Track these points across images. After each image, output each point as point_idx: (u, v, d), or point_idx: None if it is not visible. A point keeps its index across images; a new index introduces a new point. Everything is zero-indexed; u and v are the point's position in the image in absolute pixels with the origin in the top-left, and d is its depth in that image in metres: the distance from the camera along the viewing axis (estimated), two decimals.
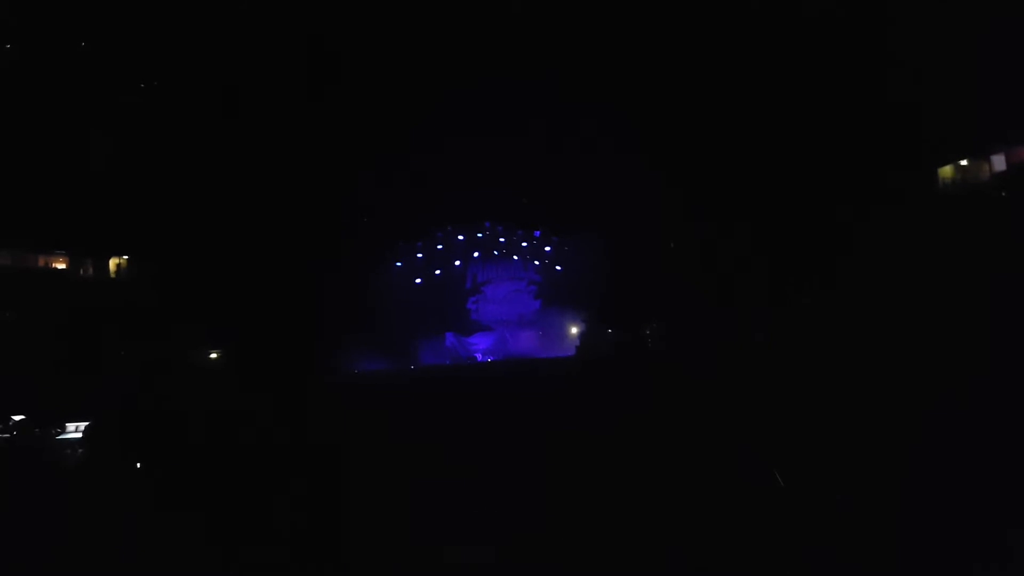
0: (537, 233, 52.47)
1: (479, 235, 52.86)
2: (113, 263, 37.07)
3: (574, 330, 46.03)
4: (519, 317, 51.02)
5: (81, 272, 35.80)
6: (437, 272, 51.62)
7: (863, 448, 10.38)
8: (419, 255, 51.80)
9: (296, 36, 31.30)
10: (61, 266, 35.11)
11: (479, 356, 49.95)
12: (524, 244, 52.84)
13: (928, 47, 25.89)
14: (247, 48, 31.36)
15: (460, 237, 52.39)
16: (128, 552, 8.92)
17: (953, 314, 19.58)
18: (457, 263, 52.06)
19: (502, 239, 52.99)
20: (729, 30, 29.39)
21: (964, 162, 30.16)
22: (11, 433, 23.04)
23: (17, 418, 23.78)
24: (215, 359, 36.60)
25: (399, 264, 51.18)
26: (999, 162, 28.78)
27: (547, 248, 52.41)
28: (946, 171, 30.80)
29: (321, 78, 33.50)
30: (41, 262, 34.46)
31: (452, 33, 31.41)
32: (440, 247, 52.22)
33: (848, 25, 27.60)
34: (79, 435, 23.45)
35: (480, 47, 32.38)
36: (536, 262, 52.41)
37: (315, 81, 33.58)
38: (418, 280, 51.16)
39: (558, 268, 51.51)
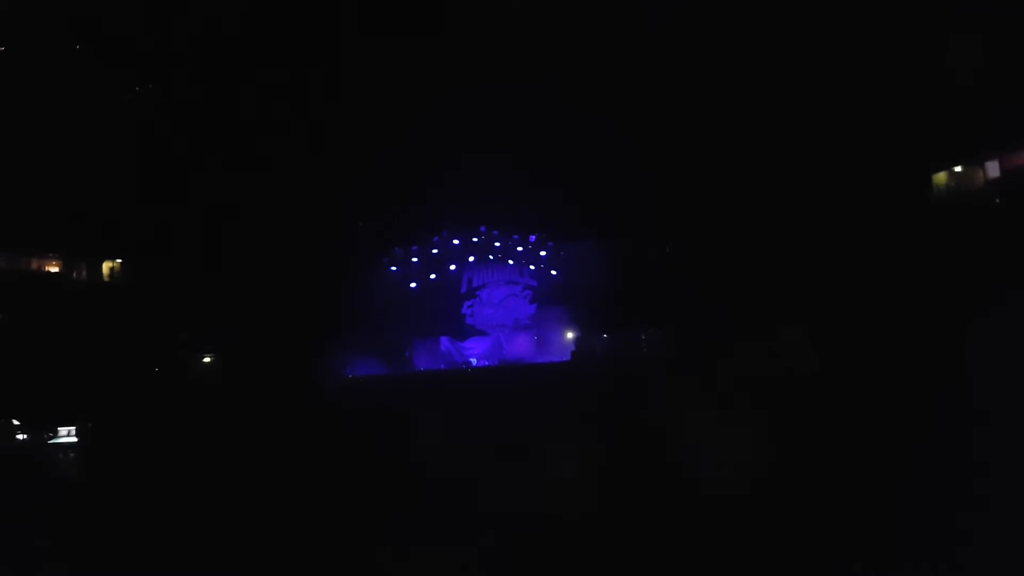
0: (532, 238, 52.42)
1: (475, 239, 52.77)
2: (107, 266, 36.90)
3: (570, 335, 46.00)
4: (515, 321, 50.88)
5: (75, 275, 35.62)
6: (432, 276, 51.51)
7: (863, 449, 10.41)
8: (414, 259, 51.71)
9: (292, 36, 31.28)
10: (54, 269, 34.94)
11: (474, 361, 49.79)
12: (520, 249, 52.76)
13: (922, 51, 26.06)
14: (244, 48, 31.35)
15: (455, 241, 52.30)
16: (126, 553, 8.87)
17: (948, 320, 19.66)
18: (452, 267, 51.95)
19: (497, 243, 52.92)
20: (726, 32, 29.52)
21: (958, 168, 30.30)
22: (5, 436, 22.90)
23: (11, 422, 23.64)
24: (209, 363, 36.46)
25: (394, 269, 51.08)
26: (993, 168, 28.93)
27: (543, 253, 52.35)
28: (940, 177, 30.96)
29: (317, 79, 33.48)
30: (34, 265, 34.29)
31: (450, 34, 31.47)
32: (435, 251, 52.12)
33: (843, 29, 27.75)
34: (73, 439, 23.37)
35: (478, 48, 32.43)
36: (532, 267, 52.35)
37: (311, 82, 33.55)
38: (413, 284, 51.04)
39: (553, 273, 51.49)
